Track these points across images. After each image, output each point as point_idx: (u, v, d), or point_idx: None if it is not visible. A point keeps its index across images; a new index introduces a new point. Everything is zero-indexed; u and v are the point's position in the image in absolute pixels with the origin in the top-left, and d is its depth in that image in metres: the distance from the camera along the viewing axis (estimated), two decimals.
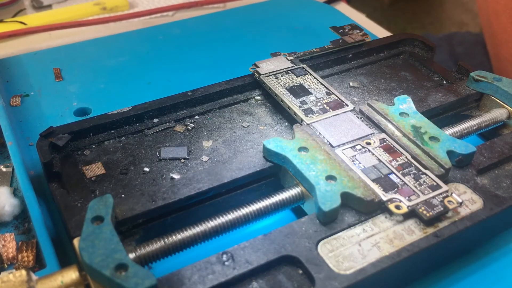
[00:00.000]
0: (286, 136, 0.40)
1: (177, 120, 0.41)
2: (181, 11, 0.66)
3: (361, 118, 0.39)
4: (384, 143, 0.36)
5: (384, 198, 0.32)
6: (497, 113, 0.42)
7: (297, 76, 0.43)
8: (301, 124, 0.38)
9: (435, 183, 0.33)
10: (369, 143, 0.36)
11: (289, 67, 0.44)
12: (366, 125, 0.38)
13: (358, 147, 0.36)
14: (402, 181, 0.33)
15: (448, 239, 0.31)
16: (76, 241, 0.29)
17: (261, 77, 0.43)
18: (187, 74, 0.51)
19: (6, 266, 0.32)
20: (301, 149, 0.34)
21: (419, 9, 1.77)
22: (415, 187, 0.33)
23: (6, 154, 0.40)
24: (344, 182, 0.32)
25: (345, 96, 0.43)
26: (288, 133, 0.40)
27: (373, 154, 0.35)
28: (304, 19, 0.63)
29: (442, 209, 0.32)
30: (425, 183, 0.33)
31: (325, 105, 0.40)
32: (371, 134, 0.37)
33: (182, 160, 0.37)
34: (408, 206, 0.32)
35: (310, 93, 0.41)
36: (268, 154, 0.35)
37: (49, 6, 0.67)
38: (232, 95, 0.43)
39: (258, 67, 0.44)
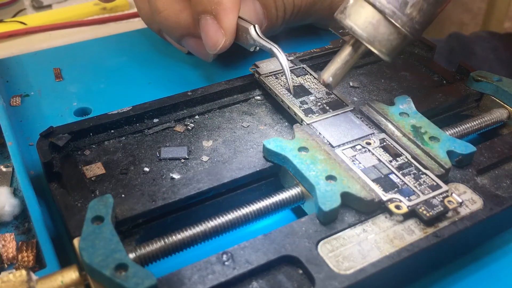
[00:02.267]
0: (286, 136, 0.40)
1: (177, 120, 0.41)
2: None
3: (361, 118, 0.39)
4: (384, 143, 0.36)
5: (384, 198, 0.32)
6: (497, 113, 0.42)
7: (297, 76, 0.43)
8: (301, 124, 0.38)
9: (435, 183, 0.33)
10: (369, 143, 0.36)
11: (289, 67, 0.44)
12: (366, 125, 0.38)
13: (358, 147, 0.36)
14: (402, 181, 0.33)
15: (448, 239, 0.31)
16: (76, 241, 0.29)
17: (261, 77, 0.43)
18: (187, 74, 0.51)
19: (6, 266, 0.32)
20: (301, 149, 0.34)
21: None
22: (415, 187, 0.33)
23: (6, 154, 0.40)
24: (344, 182, 0.32)
25: (345, 96, 0.43)
26: (288, 133, 0.40)
27: (373, 154, 0.35)
28: None
29: (442, 209, 0.32)
30: (425, 183, 0.33)
31: (325, 105, 0.40)
32: (371, 134, 0.37)
33: (182, 160, 0.37)
34: (408, 206, 0.32)
35: (310, 93, 0.41)
36: (268, 154, 0.35)
37: (49, 6, 0.67)
38: (232, 95, 0.43)
39: (258, 67, 0.44)
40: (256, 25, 0.42)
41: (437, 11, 0.35)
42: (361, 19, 0.35)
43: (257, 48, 0.43)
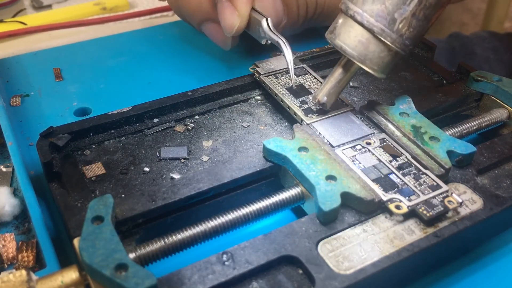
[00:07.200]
0: (286, 136, 0.39)
1: (177, 120, 0.41)
2: None
3: (361, 118, 0.39)
4: (384, 143, 0.36)
5: (384, 198, 0.32)
6: (497, 113, 0.42)
7: (297, 76, 0.43)
8: (301, 124, 0.38)
9: (435, 183, 0.33)
10: (369, 143, 0.36)
11: None
12: (366, 125, 0.38)
13: (358, 147, 0.36)
14: (402, 181, 0.33)
15: (448, 239, 0.31)
16: (76, 241, 0.29)
17: (261, 77, 0.43)
18: (187, 74, 0.51)
19: (6, 266, 0.32)
20: (301, 149, 0.34)
21: None
22: (415, 187, 0.33)
23: (6, 154, 0.40)
24: (344, 182, 0.32)
25: (345, 96, 0.43)
26: (288, 133, 0.40)
27: (373, 154, 0.35)
28: None
29: (442, 209, 0.32)
30: (425, 183, 0.33)
31: None
32: (371, 134, 0.37)
33: (182, 160, 0.37)
34: (408, 206, 0.32)
35: (310, 93, 0.41)
36: (268, 154, 0.35)
37: (49, 6, 0.67)
38: (232, 95, 0.43)
39: (258, 67, 0.44)
40: (269, 19, 0.43)
41: (427, 26, 0.35)
42: (350, 38, 0.35)
43: (269, 42, 0.43)
